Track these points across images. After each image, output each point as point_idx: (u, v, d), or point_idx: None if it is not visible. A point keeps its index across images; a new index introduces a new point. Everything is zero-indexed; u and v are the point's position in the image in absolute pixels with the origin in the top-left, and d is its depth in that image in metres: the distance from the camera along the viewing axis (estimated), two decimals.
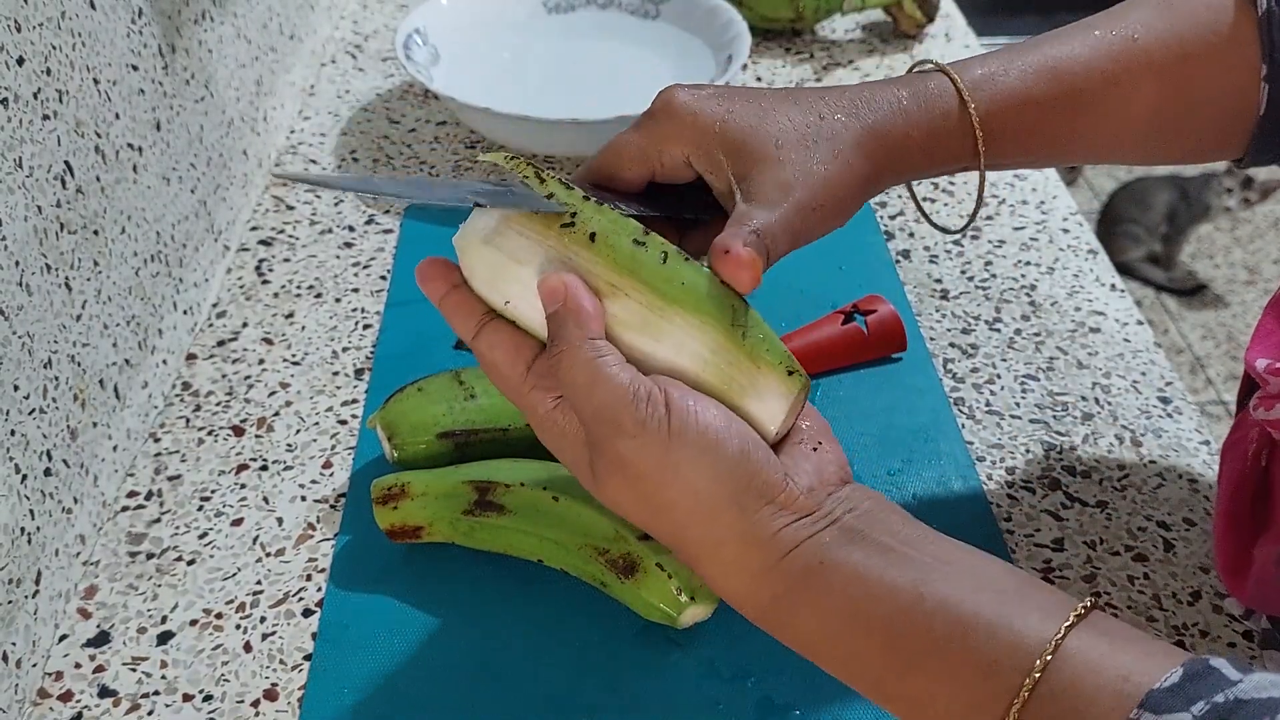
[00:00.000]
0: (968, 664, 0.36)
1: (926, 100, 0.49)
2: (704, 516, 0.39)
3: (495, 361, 0.43)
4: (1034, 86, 0.50)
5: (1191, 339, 2.13)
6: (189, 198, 0.72)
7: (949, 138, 0.49)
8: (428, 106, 0.95)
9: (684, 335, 0.41)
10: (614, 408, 0.39)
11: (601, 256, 0.41)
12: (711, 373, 0.41)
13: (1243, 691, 0.31)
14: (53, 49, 0.56)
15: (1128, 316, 0.75)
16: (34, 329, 0.53)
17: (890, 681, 0.38)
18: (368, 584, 0.57)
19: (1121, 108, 0.52)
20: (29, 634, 0.52)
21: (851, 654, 0.39)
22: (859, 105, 0.48)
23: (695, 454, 0.39)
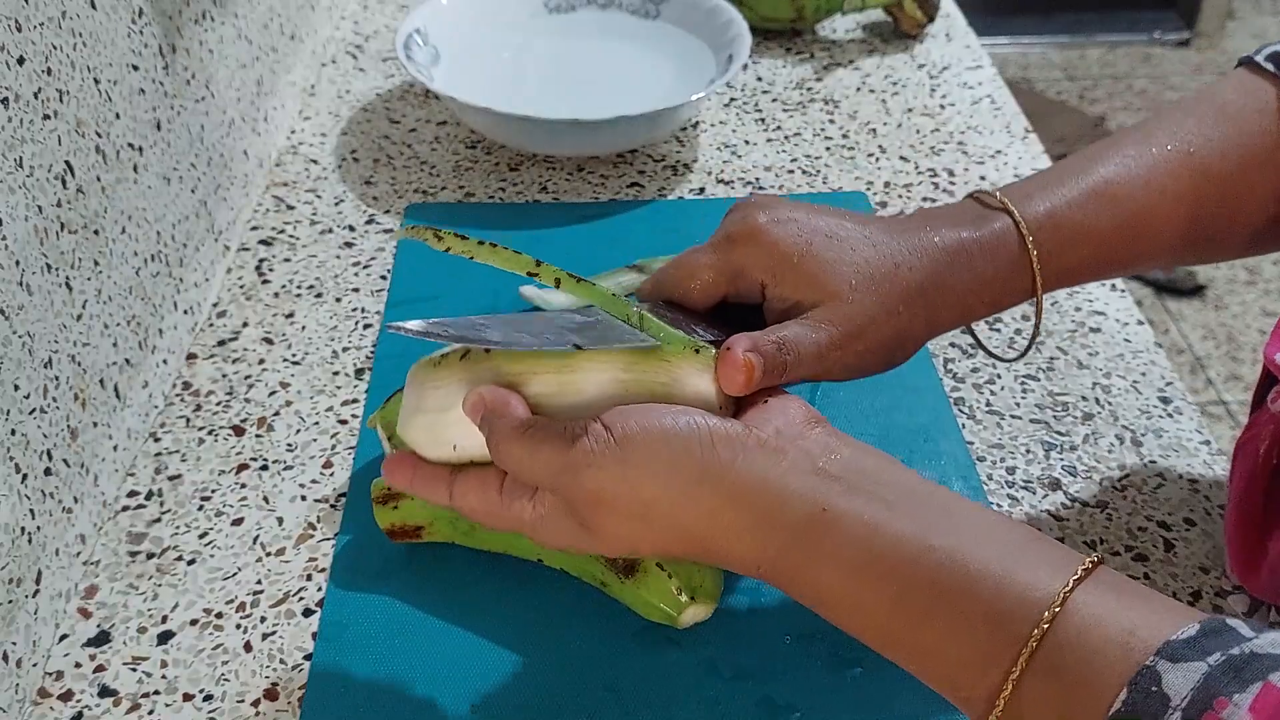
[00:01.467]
0: (977, 615, 0.36)
1: (992, 244, 0.49)
2: (687, 494, 0.40)
3: (473, 503, 0.45)
4: (1095, 218, 0.51)
5: (1192, 339, 2.13)
6: (189, 197, 0.72)
7: (1013, 280, 0.50)
8: (428, 106, 0.95)
9: (595, 375, 0.44)
10: (560, 455, 0.41)
11: (500, 359, 0.45)
12: (635, 388, 0.44)
13: (1258, 646, 0.32)
14: (53, 49, 0.56)
15: (1128, 316, 0.75)
16: (34, 328, 0.53)
17: (899, 632, 0.38)
18: (368, 584, 0.57)
19: (1179, 225, 0.52)
20: (29, 633, 0.52)
21: (860, 605, 0.39)
22: (928, 253, 0.48)
23: (650, 446, 0.41)
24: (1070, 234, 0.50)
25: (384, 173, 0.87)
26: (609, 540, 0.43)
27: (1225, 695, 0.30)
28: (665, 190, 0.86)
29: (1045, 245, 0.50)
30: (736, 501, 0.40)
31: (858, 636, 0.40)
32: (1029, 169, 0.89)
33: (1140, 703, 0.32)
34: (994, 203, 0.51)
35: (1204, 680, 0.31)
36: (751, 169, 0.88)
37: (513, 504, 0.44)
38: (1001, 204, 0.50)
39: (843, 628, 0.41)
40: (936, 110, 0.96)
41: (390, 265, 0.78)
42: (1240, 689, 0.30)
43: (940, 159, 0.90)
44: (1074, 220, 0.50)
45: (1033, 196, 0.51)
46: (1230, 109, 0.53)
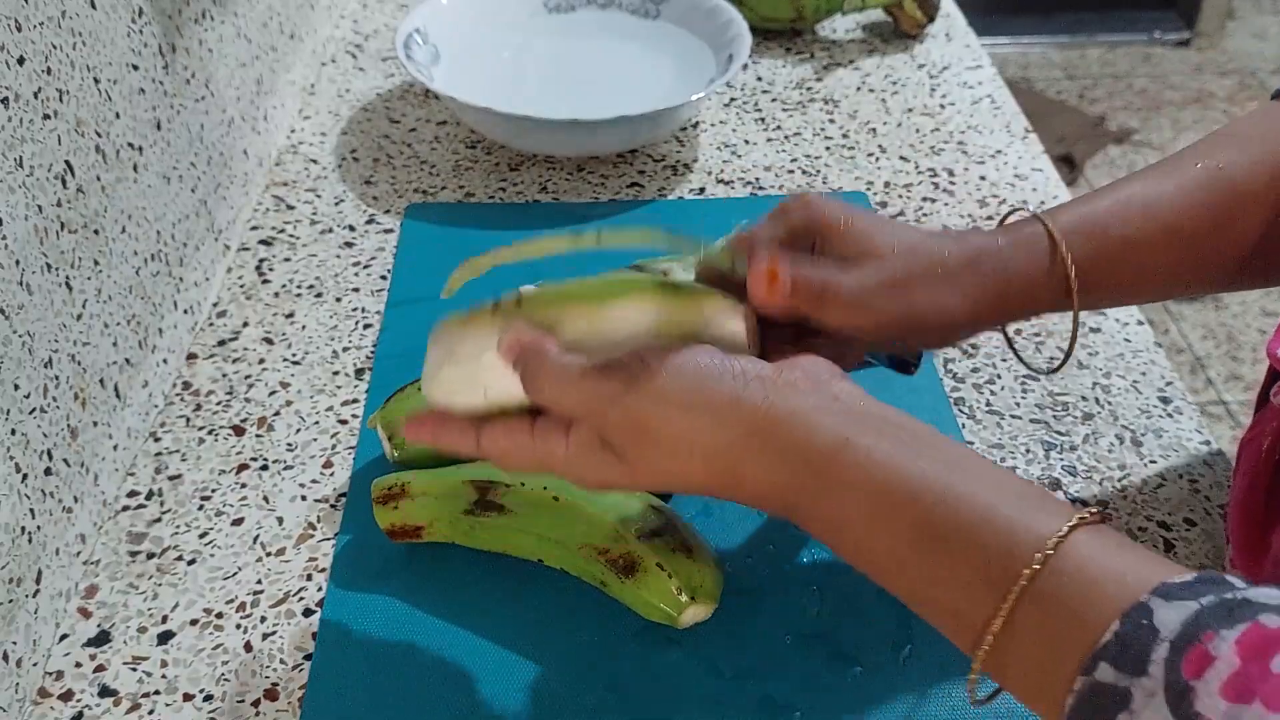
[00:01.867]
0: (988, 542, 0.37)
1: (1026, 248, 0.51)
2: (720, 423, 0.42)
3: (503, 445, 0.46)
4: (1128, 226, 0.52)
5: (1192, 339, 2.13)
6: (189, 197, 0.72)
7: (1048, 282, 0.51)
8: (428, 106, 0.95)
9: (628, 313, 0.45)
10: (598, 386, 0.43)
11: (534, 306, 0.46)
12: (668, 327, 0.45)
13: (1252, 595, 0.33)
14: (53, 48, 0.56)
15: (1128, 316, 0.75)
16: (34, 328, 0.53)
17: (911, 559, 0.39)
18: (368, 584, 0.57)
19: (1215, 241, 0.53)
20: (29, 633, 0.52)
21: (876, 530, 0.40)
22: (960, 242, 0.50)
23: (686, 379, 0.42)
24: (1105, 240, 0.51)
25: (384, 172, 0.87)
26: (643, 471, 0.43)
27: (1213, 629, 0.31)
28: (665, 190, 0.86)
29: (1078, 249, 0.51)
30: (766, 432, 0.41)
31: (869, 567, 0.41)
32: (1029, 169, 0.89)
33: (1130, 633, 0.32)
34: (1022, 218, 0.53)
35: (1194, 616, 0.32)
36: (751, 169, 0.88)
37: (546, 441, 0.45)
38: (1031, 215, 0.52)
39: (856, 559, 0.42)
40: (936, 110, 0.96)
41: (390, 265, 0.78)
42: (1229, 625, 0.31)
43: (940, 159, 0.90)
44: (1107, 226, 0.51)
45: (1060, 211, 0.52)
46: (1260, 130, 0.54)
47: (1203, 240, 0.53)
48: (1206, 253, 0.53)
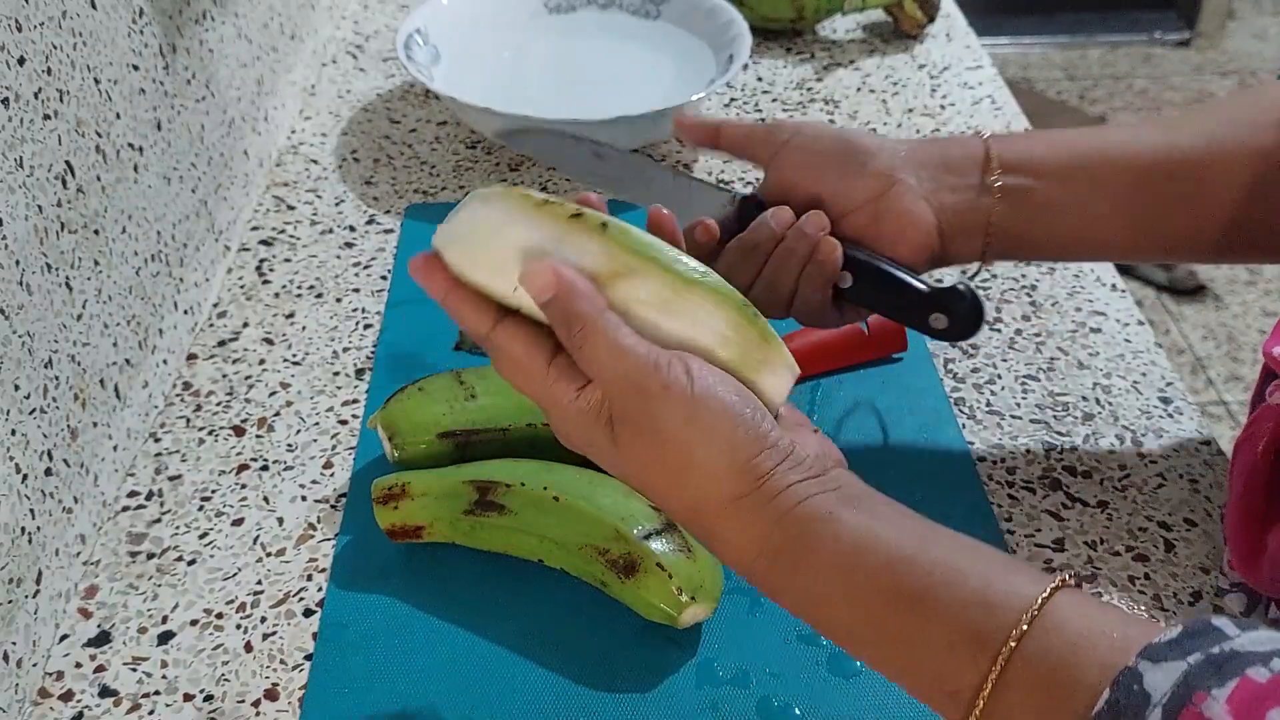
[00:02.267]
0: (968, 603, 0.37)
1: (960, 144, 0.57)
2: (726, 473, 0.41)
3: (516, 354, 0.43)
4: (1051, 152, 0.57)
5: (1192, 339, 2.13)
6: (190, 197, 0.72)
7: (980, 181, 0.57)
8: (428, 106, 0.95)
9: (703, 313, 0.42)
10: (639, 373, 0.40)
11: (616, 242, 0.42)
12: (730, 349, 0.43)
13: (1239, 645, 0.32)
14: (54, 48, 0.56)
15: (1128, 317, 0.75)
16: (34, 328, 0.53)
17: (890, 625, 0.39)
18: (368, 584, 0.57)
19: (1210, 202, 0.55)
20: (29, 633, 0.52)
21: (853, 599, 0.40)
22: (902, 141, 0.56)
23: (717, 414, 0.41)
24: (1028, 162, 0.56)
25: (384, 173, 0.87)
26: (629, 465, 0.42)
27: (1204, 689, 0.31)
28: None
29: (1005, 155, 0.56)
30: (762, 499, 0.41)
31: (848, 639, 0.41)
32: None
33: (1122, 701, 0.32)
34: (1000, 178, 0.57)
35: (1184, 677, 0.32)
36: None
37: (557, 382, 0.42)
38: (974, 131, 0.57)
39: (831, 629, 0.41)
40: (937, 110, 0.96)
41: (390, 265, 0.78)
42: (1219, 683, 0.31)
43: None
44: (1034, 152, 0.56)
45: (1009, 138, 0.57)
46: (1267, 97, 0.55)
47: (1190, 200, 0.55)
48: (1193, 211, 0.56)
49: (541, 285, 0.41)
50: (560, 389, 0.42)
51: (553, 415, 0.44)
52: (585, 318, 0.41)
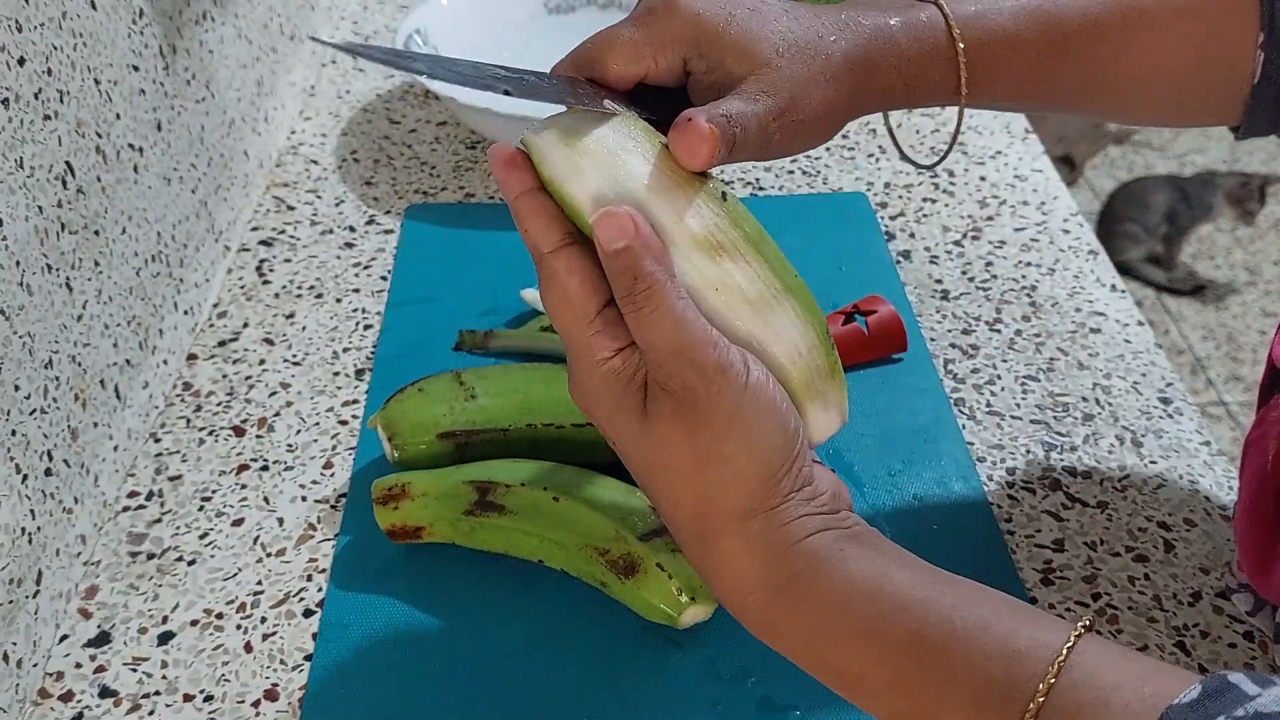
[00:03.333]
0: (992, 652, 0.36)
1: (916, 31, 0.48)
2: (748, 480, 0.39)
3: (569, 288, 0.39)
4: (1025, 29, 0.50)
5: (1192, 340, 2.13)
6: (190, 198, 0.72)
7: (935, 72, 0.49)
8: (428, 107, 0.95)
9: (788, 323, 0.41)
10: (697, 348, 0.38)
11: (731, 218, 0.40)
12: (797, 369, 0.41)
13: (1262, 705, 0.31)
14: (54, 49, 0.56)
15: (1128, 317, 0.75)
16: (35, 329, 0.53)
17: (908, 669, 0.37)
18: (368, 584, 0.57)
19: (1112, 61, 0.51)
20: (30, 634, 0.52)
21: (867, 642, 0.38)
22: (851, 28, 0.47)
23: (763, 415, 0.38)
24: (998, 36, 0.49)
25: (384, 173, 0.87)
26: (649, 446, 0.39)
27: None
28: None
29: (972, 42, 0.49)
30: (773, 523, 0.39)
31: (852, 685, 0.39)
32: (1029, 169, 0.89)
33: None
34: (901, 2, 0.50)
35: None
36: (751, 169, 0.88)
37: (599, 333, 0.39)
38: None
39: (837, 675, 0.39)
40: (936, 111, 0.96)
41: (390, 266, 0.78)
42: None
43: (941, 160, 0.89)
44: (1004, 25, 0.49)
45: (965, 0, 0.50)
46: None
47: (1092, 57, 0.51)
48: (1092, 71, 0.52)
49: (617, 229, 0.37)
50: (599, 341, 0.39)
51: (578, 368, 0.40)
52: (653, 278, 0.37)
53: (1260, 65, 0.51)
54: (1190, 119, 0.56)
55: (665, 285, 0.38)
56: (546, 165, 0.39)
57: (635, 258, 0.37)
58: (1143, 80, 0.53)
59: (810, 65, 0.45)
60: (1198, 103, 0.54)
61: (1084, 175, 2.59)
